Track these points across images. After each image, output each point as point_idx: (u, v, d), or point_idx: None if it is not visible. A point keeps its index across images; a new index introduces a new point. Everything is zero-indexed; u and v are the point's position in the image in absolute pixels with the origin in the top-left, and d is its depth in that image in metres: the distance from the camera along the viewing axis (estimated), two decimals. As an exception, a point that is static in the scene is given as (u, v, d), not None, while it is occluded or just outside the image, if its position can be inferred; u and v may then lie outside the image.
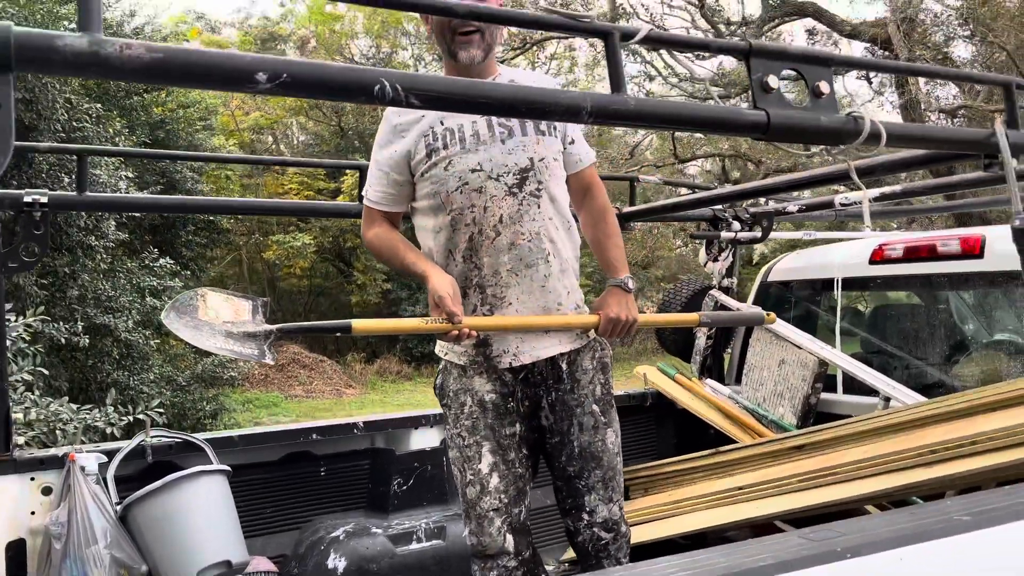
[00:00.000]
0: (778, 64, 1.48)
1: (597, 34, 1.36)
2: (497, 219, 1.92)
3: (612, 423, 2.07)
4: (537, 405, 2.04)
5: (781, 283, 3.39)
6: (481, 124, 1.93)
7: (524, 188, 1.93)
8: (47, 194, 2.17)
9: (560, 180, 2.01)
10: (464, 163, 1.91)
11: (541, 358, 1.99)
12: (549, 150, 1.96)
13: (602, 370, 2.07)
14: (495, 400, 1.99)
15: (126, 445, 2.40)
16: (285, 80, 1.06)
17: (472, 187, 1.92)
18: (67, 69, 0.97)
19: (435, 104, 1.20)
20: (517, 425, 2.01)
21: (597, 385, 2.05)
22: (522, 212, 1.93)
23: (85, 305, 9.17)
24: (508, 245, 1.93)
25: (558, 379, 2.01)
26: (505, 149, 1.92)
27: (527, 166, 1.93)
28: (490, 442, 1.97)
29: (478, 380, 2.00)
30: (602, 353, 2.09)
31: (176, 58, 1.01)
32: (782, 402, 3.03)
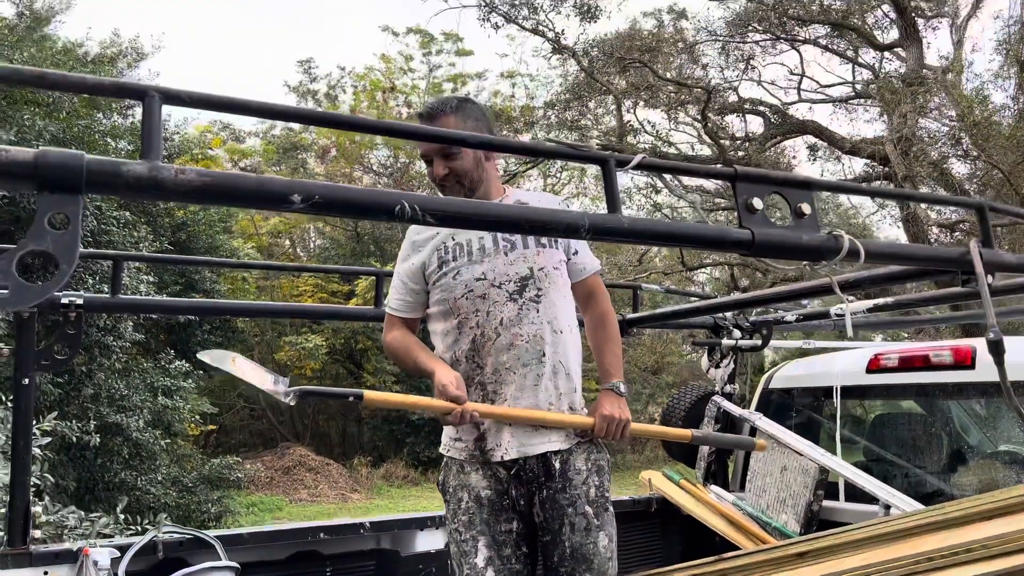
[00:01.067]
0: (762, 188, 1.62)
1: (595, 161, 1.52)
2: (498, 322, 2.06)
3: (605, 527, 2.08)
4: (530, 502, 2.08)
5: (783, 390, 3.47)
6: (487, 239, 2.11)
7: (524, 294, 2.08)
8: (83, 296, 2.32)
9: (561, 287, 2.13)
10: (470, 273, 2.09)
11: (530, 454, 2.05)
12: (549, 260, 2.11)
13: (597, 472, 2.11)
14: (491, 496, 2.07)
15: (138, 541, 2.45)
16: (317, 201, 1.21)
17: (477, 294, 2.08)
18: (129, 192, 1.12)
19: (449, 222, 1.34)
20: (515, 523, 2.07)
21: (591, 487, 2.08)
22: (521, 316, 2.06)
23: (99, 404, 9.26)
24: (507, 345, 2.06)
25: (549, 476, 2.06)
26: (507, 260, 2.09)
27: (527, 275, 2.08)
28: (486, 537, 2.04)
29: (475, 476, 2.09)
30: (598, 456, 2.14)
31: (223, 182, 1.15)
32: (785, 509, 3.05)
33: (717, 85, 11.84)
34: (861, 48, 12.48)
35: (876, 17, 12.15)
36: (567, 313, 2.15)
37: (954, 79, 11.36)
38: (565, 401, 2.10)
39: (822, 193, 1.64)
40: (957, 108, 10.27)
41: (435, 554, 2.83)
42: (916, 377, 2.92)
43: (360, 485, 16.45)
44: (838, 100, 13.51)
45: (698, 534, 3.24)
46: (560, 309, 2.12)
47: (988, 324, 1.72)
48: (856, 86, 12.94)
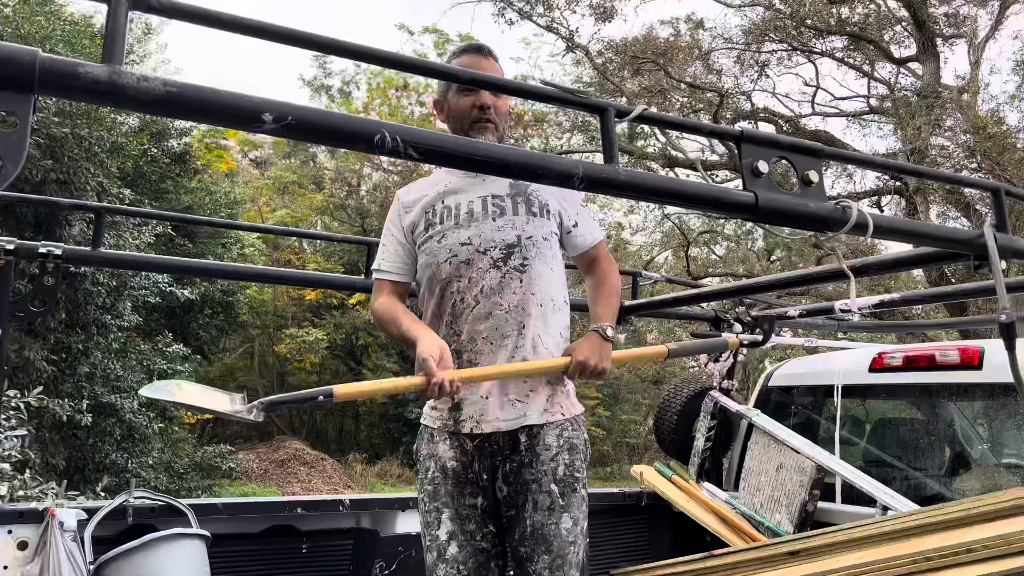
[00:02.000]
0: (768, 151, 1.54)
1: (592, 109, 1.44)
2: (479, 289, 1.98)
3: (571, 508, 1.95)
4: (493, 476, 1.97)
5: (782, 388, 3.37)
6: (477, 204, 2.03)
7: (509, 262, 1.99)
8: (62, 247, 2.24)
9: (549, 260, 2.04)
10: (456, 237, 2.01)
11: (502, 430, 1.95)
12: (539, 230, 2.02)
13: (568, 450, 1.99)
14: (455, 468, 1.97)
15: (107, 504, 2.37)
16: (290, 123, 1.13)
17: (460, 259, 2.00)
18: (86, 96, 1.04)
19: (433, 158, 1.26)
20: (480, 498, 1.97)
21: (560, 464, 1.96)
22: (503, 285, 1.98)
23: (93, 383, 9.21)
24: (485, 314, 1.97)
25: (514, 449, 1.96)
26: (495, 226, 2.00)
27: (514, 242, 1.99)
28: (449, 510, 1.95)
29: (442, 446, 2.00)
30: (572, 433, 2.01)
31: (189, 93, 1.07)
32: (779, 508, 2.96)
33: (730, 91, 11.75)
34: (877, 62, 12.38)
35: (894, 32, 12.06)
36: (554, 286, 2.05)
37: (970, 99, 11.27)
38: (543, 377, 2.00)
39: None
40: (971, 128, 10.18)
41: (415, 536, 2.75)
42: (920, 377, 2.82)
43: (354, 481, 16.37)
44: (852, 115, 13.42)
45: (689, 531, 3.14)
46: (546, 281, 2.03)
47: (1000, 307, 1.63)
48: (871, 100, 12.84)
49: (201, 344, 12.52)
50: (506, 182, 2.05)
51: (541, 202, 2.05)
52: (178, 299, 10.59)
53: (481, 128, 2.03)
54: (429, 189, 2.10)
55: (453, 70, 1.35)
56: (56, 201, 2.40)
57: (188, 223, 10.62)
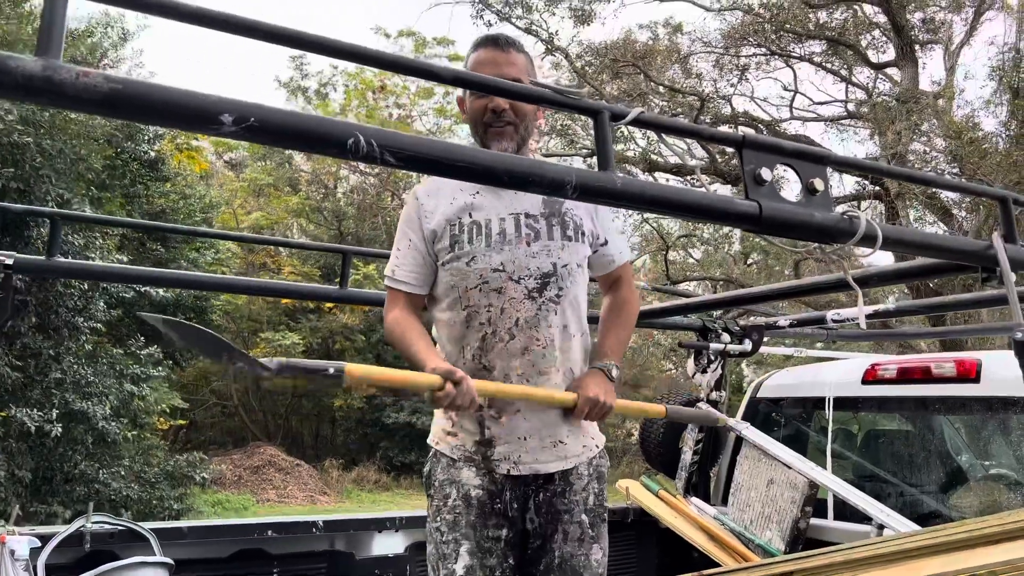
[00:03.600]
0: (771, 158, 1.44)
1: (587, 112, 1.33)
2: (513, 322, 1.84)
3: (600, 539, 1.90)
4: (524, 506, 1.88)
5: (771, 400, 3.29)
6: (509, 223, 1.88)
7: (544, 293, 1.86)
8: (12, 256, 2.10)
9: (582, 287, 1.94)
10: (487, 261, 1.85)
11: (541, 472, 1.87)
12: (573, 256, 1.90)
13: (598, 479, 1.94)
14: (481, 497, 1.85)
15: (63, 530, 2.23)
16: (252, 124, 1.01)
17: (492, 287, 1.85)
18: (18, 93, 0.91)
19: (412, 164, 1.15)
20: (504, 530, 1.85)
21: (591, 494, 1.91)
22: (539, 318, 1.85)
23: (63, 390, 8.95)
24: (521, 350, 1.85)
25: (549, 479, 1.88)
26: (529, 252, 1.86)
27: (550, 271, 1.86)
28: (470, 542, 1.82)
29: (466, 472, 1.87)
30: (600, 462, 1.97)
31: (135, 91, 0.95)
32: (770, 525, 2.87)
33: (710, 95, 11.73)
34: (855, 67, 12.43)
35: (872, 37, 12.11)
36: (582, 316, 1.96)
37: (945, 105, 11.33)
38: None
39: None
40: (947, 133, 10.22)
41: (392, 559, 2.63)
42: (915, 390, 2.75)
43: (330, 488, 16.15)
44: (830, 119, 13.46)
45: (676, 548, 3.05)
46: (577, 312, 1.93)
47: (1015, 323, 1.54)
48: (849, 105, 12.88)
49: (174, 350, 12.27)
50: (538, 196, 1.89)
51: (576, 223, 1.92)
52: (152, 298, 10.33)
53: (496, 133, 1.88)
54: (451, 195, 1.92)
55: (433, 68, 1.23)
56: (6, 207, 2.25)
57: (152, 231, 10.32)
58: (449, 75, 1.25)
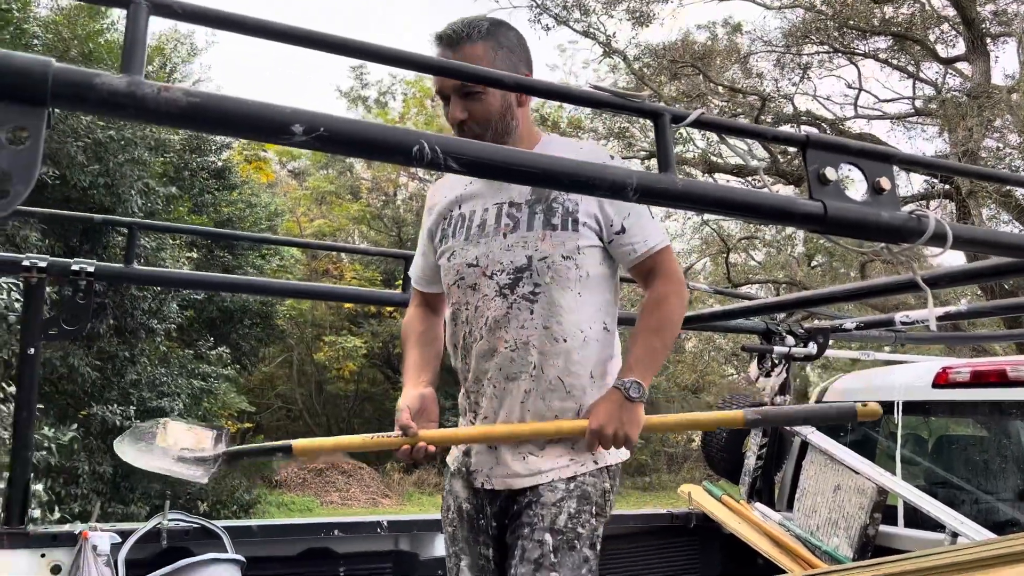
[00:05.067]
0: (836, 157, 1.42)
1: (647, 115, 1.33)
2: (484, 321, 1.71)
3: (563, 568, 1.58)
4: (503, 524, 1.74)
5: (837, 404, 3.21)
6: (491, 213, 1.74)
7: (516, 290, 1.68)
8: (94, 263, 2.19)
9: (572, 283, 1.70)
10: (463, 256, 1.75)
11: (513, 487, 1.70)
12: (558, 247, 1.68)
13: (579, 498, 1.65)
14: (470, 512, 1.77)
15: (141, 527, 2.32)
16: (322, 134, 1.04)
17: (467, 283, 1.74)
18: (103, 108, 0.96)
19: (474, 169, 1.17)
20: (491, 549, 1.75)
21: (563, 512, 1.63)
22: (510, 317, 1.68)
23: (140, 389, 9.30)
24: (489, 351, 1.71)
25: (522, 492, 1.71)
26: (505, 244, 1.70)
27: (523, 265, 1.68)
28: (467, 558, 1.75)
29: (458, 484, 1.81)
30: (588, 480, 1.68)
31: (212, 105, 0.99)
32: (837, 531, 2.81)
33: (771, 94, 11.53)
34: (923, 62, 12.06)
35: (940, 31, 11.74)
36: (578, 317, 1.70)
37: (1020, 100, 10.91)
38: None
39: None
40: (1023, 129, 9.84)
41: (456, 559, 2.65)
42: (990, 394, 2.66)
43: (392, 490, 16.36)
44: (896, 117, 13.09)
45: (740, 554, 3.01)
46: (566, 312, 1.68)
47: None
48: (916, 102, 12.51)
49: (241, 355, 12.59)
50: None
51: (567, 209, 1.69)
52: (223, 299, 10.68)
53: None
54: (451, 189, 1.83)
55: (496, 74, 1.25)
56: (89, 217, 2.37)
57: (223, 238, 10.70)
58: (511, 81, 1.27)
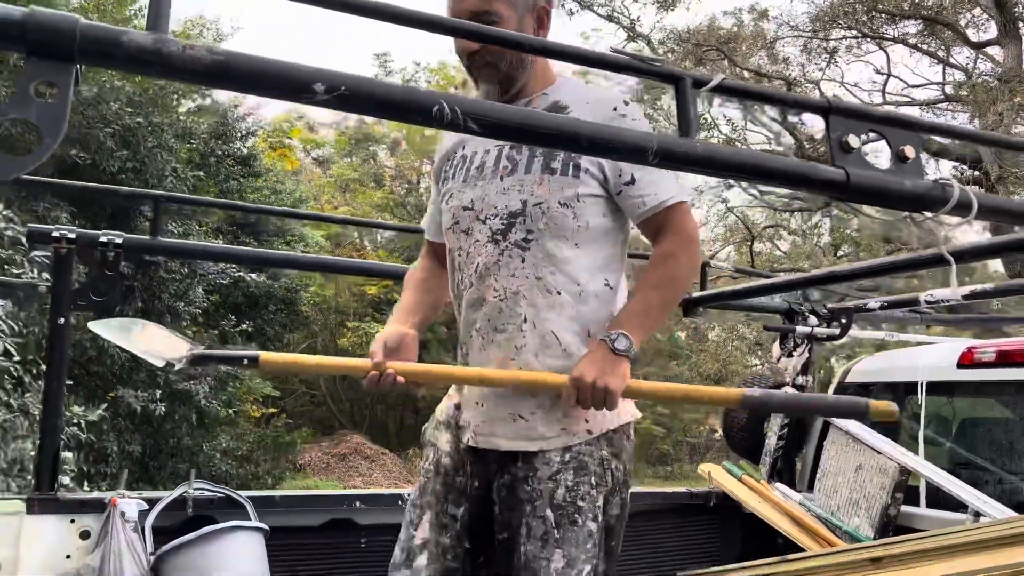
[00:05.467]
0: (859, 124, 1.41)
1: (668, 79, 1.33)
2: (474, 268, 1.64)
3: (566, 544, 1.55)
4: (487, 488, 1.66)
5: (860, 385, 3.19)
6: (491, 155, 1.67)
7: (509, 236, 1.61)
8: (122, 235, 2.23)
9: (573, 233, 1.61)
10: (459, 199, 1.69)
11: (500, 448, 1.62)
12: (555, 193, 1.59)
13: (576, 469, 1.58)
14: (448, 467, 1.70)
15: (168, 495, 2.36)
16: (343, 93, 1.05)
17: (461, 227, 1.68)
18: (130, 65, 0.98)
19: (493, 131, 1.18)
20: (462, 508, 1.67)
21: (561, 486, 1.57)
22: (500, 264, 1.61)
23: (167, 372, 9.45)
24: (477, 300, 1.64)
25: (513, 459, 1.62)
26: (501, 187, 1.63)
27: (518, 209, 1.60)
28: (431, 512, 1.68)
29: (444, 436, 1.74)
30: (585, 449, 1.60)
31: (236, 62, 1.01)
32: (858, 512, 2.79)
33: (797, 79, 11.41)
34: (953, 47, 11.87)
35: (972, 15, 11.54)
36: (574, 269, 1.62)
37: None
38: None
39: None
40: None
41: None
42: (1017, 374, 2.62)
43: (413, 476, 16.45)
44: (925, 103, 12.89)
45: (760, 533, 3.00)
46: (561, 262, 1.60)
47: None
48: (946, 87, 12.32)
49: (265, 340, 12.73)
50: None
51: (569, 154, 1.61)
52: (248, 285, 10.80)
53: (477, 78, 1.66)
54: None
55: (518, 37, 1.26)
56: (116, 189, 2.41)
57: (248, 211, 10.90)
58: (536, 44, 1.27)
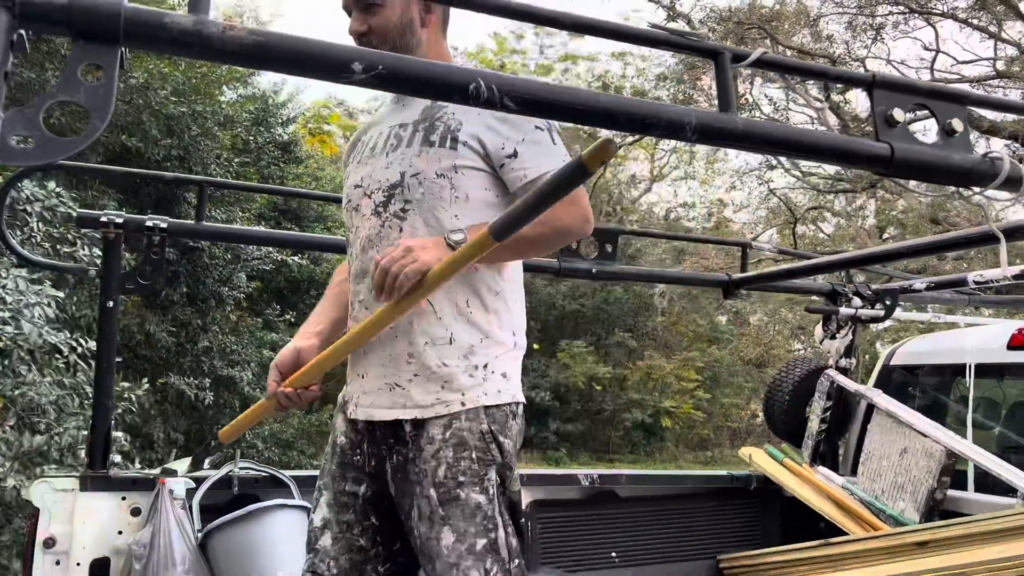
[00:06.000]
0: (905, 97, 1.38)
1: (707, 54, 1.32)
2: (360, 241, 1.66)
3: (452, 520, 1.51)
4: (383, 466, 1.64)
5: (906, 367, 3.14)
6: (383, 136, 1.70)
7: (389, 207, 1.62)
8: (167, 220, 2.28)
9: (452, 204, 1.59)
10: (353, 178, 1.72)
11: (375, 419, 1.61)
12: (432, 164, 1.59)
13: (455, 447, 1.54)
14: (343, 446, 1.68)
15: (214, 474, 2.42)
16: (380, 72, 1.06)
17: (352, 205, 1.71)
18: (172, 47, 1.00)
19: (531, 108, 1.17)
20: (363, 486, 1.65)
21: (441, 464, 1.53)
22: (381, 236, 1.61)
23: (211, 357, 9.62)
24: (361, 273, 1.65)
25: (398, 438, 1.59)
26: (386, 162, 1.65)
27: (396, 181, 1.61)
28: (329, 492, 1.68)
29: (339, 417, 1.73)
30: (464, 425, 1.55)
31: (275, 43, 1.02)
32: (903, 495, 2.75)
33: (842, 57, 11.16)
34: (1005, 22, 11.49)
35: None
36: None
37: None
38: (433, 354, 1.56)
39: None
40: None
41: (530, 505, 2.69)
42: (1069, 355, 2.56)
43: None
44: (975, 80, 12.52)
45: (801, 517, 2.97)
46: (438, 232, 1.56)
47: None
48: (998, 63, 11.94)
49: (307, 323, 12.91)
50: (420, 106, 1.67)
51: (448, 127, 1.60)
52: (291, 270, 10.93)
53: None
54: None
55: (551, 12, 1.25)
56: (160, 175, 2.46)
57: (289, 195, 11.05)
58: (569, 20, 1.26)
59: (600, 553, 2.86)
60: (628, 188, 21.45)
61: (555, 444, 16.94)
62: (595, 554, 2.85)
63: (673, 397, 17.39)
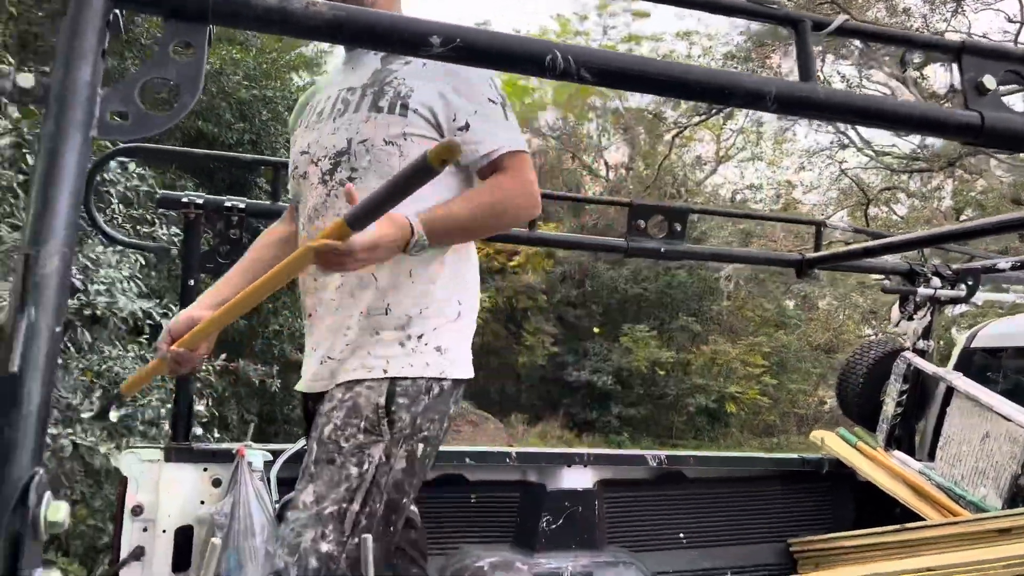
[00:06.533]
0: (997, 64, 1.33)
1: (787, 22, 1.29)
2: (306, 211, 1.63)
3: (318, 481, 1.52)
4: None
5: (987, 350, 3.02)
6: (331, 100, 1.64)
7: (335, 176, 1.57)
8: (245, 201, 2.34)
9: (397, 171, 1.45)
10: (299, 145, 1.68)
11: (315, 390, 1.63)
12: (380, 131, 1.53)
13: (347, 409, 1.52)
14: (311, 414, 1.72)
15: (291, 447, 2.48)
16: (458, 45, 1.07)
17: (299, 172, 1.67)
18: (257, 24, 1.03)
19: (607, 79, 1.17)
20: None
21: (330, 423, 1.52)
22: (327, 205, 1.58)
23: (281, 341, 9.86)
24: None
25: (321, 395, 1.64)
26: (333, 127, 1.60)
27: (343, 148, 1.56)
28: (304, 463, 1.68)
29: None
30: (364, 391, 1.52)
31: (356, 16, 1.04)
32: (984, 481, 2.66)
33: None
34: (1099, -10, 10.89)
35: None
36: (399, 208, 1.44)
37: None
38: (368, 324, 1.55)
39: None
40: None
41: (581, 492, 2.70)
42: None
43: (516, 441, 16.72)
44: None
45: (875, 502, 2.90)
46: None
47: None
48: (1089, 34, 11.34)
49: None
50: (370, 69, 1.61)
51: (398, 93, 1.55)
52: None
53: None
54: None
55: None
56: (238, 157, 2.53)
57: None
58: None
59: (667, 534, 2.85)
60: (693, 170, 21.14)
61: (617, 428, 16.92)
62: (662, 535, 2.84)
63: (738, 382, 17.16)
